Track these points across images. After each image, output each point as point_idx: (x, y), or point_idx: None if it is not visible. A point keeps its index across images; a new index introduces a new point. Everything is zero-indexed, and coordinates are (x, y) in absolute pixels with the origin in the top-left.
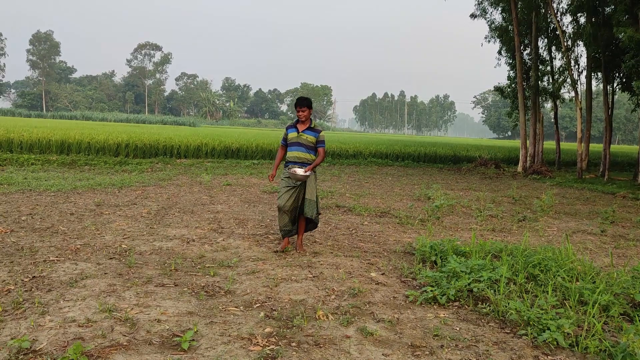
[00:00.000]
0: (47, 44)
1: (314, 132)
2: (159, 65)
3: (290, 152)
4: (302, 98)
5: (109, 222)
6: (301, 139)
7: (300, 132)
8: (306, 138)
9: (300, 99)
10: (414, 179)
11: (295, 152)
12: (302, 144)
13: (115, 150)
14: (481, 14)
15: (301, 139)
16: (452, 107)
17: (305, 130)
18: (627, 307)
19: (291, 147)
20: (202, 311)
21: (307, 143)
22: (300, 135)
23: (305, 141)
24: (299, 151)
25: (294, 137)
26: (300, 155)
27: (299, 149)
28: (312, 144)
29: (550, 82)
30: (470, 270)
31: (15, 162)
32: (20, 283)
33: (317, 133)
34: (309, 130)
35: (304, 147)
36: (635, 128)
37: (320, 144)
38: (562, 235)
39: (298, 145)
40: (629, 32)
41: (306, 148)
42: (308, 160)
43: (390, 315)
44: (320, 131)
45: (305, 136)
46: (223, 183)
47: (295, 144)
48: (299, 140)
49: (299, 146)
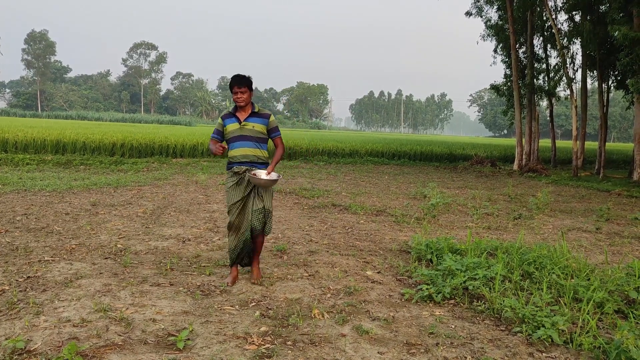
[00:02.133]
0: (43, 44)
1: (261, 119)
2: (154, 65)
3: (233, 151)
4: (239, 76)
5: (104, 221)
6: (245, 130)
7: (242, 121)
8: (252, 128)
9: (237, 77)
10: (410, 177)
11: (240, 150)
12: (247, 136)
13: (110, 150)
14: (477, 12)
15: (245, 130)
16: (449, 105)
17: (249, 117)
18: (622, 304)
19: (233, 142)
20: (198, 310)
21: (254, 134)
22: (244, 125)
23: (251, 132)
24: (246, 147)
25: (234, 129)
26: (247, 152)
27: (245, 144)
28: (262, 134)
29: (545, 80)
30: (466, 268)
31: (10, 162)
32: (14, 283)
33: (265, 119)
34: (254, 117)
35: (251, 140)
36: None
37: (274, 133)
38: (557, 232)
39: (242, 139)
40: (623, 30)
41: (254, 141)
42: (260, 157)
43: (386, 314)
44: (269, 115)
45: (251, 125)
46: (219, 182)
47: (237, 138)
48: (243, 132)
49: (244, 140)
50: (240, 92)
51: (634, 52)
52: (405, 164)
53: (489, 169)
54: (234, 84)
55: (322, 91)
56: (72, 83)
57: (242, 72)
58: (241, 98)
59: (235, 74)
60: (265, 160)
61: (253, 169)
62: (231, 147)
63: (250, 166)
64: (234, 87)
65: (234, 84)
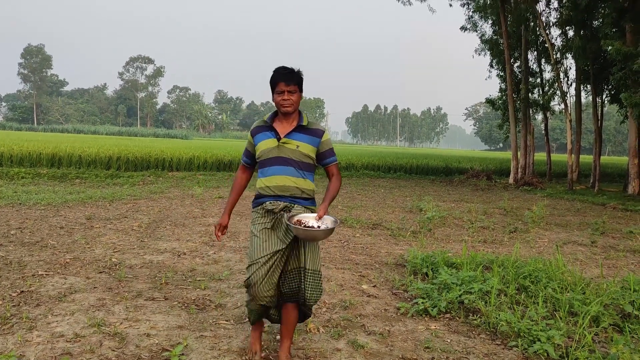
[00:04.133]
0: (39, 57)
1: (310, 136)
2: (151, 78)
3: (265, 179)
4: (286, 69)
5: (99, 235)
6: (286, 151)
7: (283, 137)
8: (296, 148)
9: (284, 70)
10: (406, 190)
11: (275, 179)
12: (288, 160)
13: (106, 163)
14: (471, 27)
15: (286, 150)
16: (444, 119)
17: (293, 133)
18: (617, 317)
19: (266, 167)
20: (193, 325)
21: (298, 158)
22: (285, 143)
23: (294, 154)
24: (284, 174)
25: (270, 148)
26: (287, 182)
27: (284, 171)
28: (310, 158)
29: (540, 94)
30: (462, 282)
31: (5, 176)
32: (8, 298)
33: (316, 137)
34: (301, 133)
35: (293, 166)
36: (624, 139)
37: (328, 158)
38: (553, 246)
39: (280, 163)
40: (616, 45)
41: (298, 168)
42: (304, 191)
43: (382, 328)
44: (322, 132)
45: (295, 144)
46: (215, 196)
47: (273, 161)
48: (282, 153)
49: (283, 165)
50: (288, 92)
51: (627, 66)
52: (401, 178)
53: (484, 183)
54: (279, 79)
55: (319, 105)
56: (68, 97)
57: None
58: (289, 101)
59: (280, 67)
60: (311, 195)
61: (294, 207)
62: (262, 174)
63: (291, 202)
64: (278, 83)
65: (279, 79)
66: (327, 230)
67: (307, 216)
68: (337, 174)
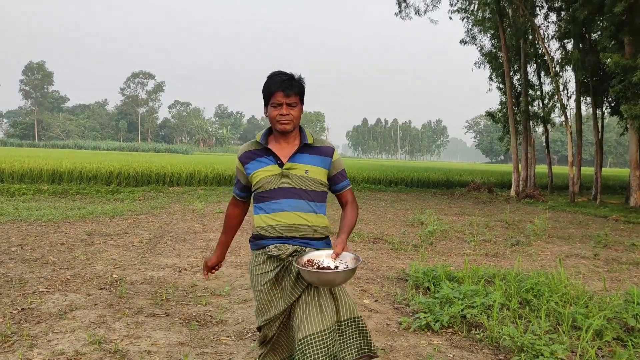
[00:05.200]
0: (40, 74)
1: (320, 156)
2: (152, 94)
3: (267, 216)
4: (285, 75)
5: (100, 251)
6: (292, 180)
7: (286, 161)
8: (304, 174)
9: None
10: (407, 204)
11: (282, 215)
12: (297, 190)
13: (107, 179)
14: (471, 41)
15: (292, 178)
16: (445, 131)
17: (298, 154)
18: (620, 331)
19: (267, 201)
20: (194, 341)
21: (309, 186)
22: (290, 169)
23: (303, 182)
24: (293, 210)
25: (271, 175)
26: (296, 220)
27: (292, 205)
28: (322, 185)
29: (540, 106)
30: (464, 296)
31: (6, 192)
32: (8, 315)
33: (327, 156)
34: (308, 154)
35: (302, 197)
36: (625, 151)
37: (341, 182)
38: (555, 259)
39: (286, 195)
40: (615, 58)
41: (309, 199)
42: (317, 230)
43: (384, 343)
44: (332, 150)
45: (303, 169)
46: (216, 211)
47: (277, 192)
48: (287, 182)
49: (291, 198)
50: (287, 105)
51: (626, 79)
52: (402, 191)
53: (486, 195)
54: (275, 89)
55: (319, 118)
56: (69, 112)
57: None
58: (287, 117)
59: (275, 72)
60: (325, 233)
61: (306, 250)
62: (262, 209)
63: (302, 245)
64: (275, 94)
65: (276, 88)
66: (348, 272)
67: (319, 254)
68: (353, 201)
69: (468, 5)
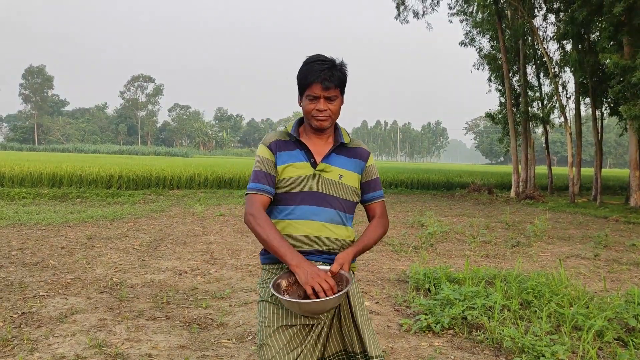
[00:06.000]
0: (40, 78)
1: (355, 159)
2: (151, 97)
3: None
4: (323, 61)
5: (100, 255)
6: (324, 183)
7: (320, 161)
8: (338, 179)
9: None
10: (407, 205)
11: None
12: (328, 197)
13: (107, 183)
14: (470, 42)
15: (324, 182)
16: (444, 133)
17: (333, 155)
18: (621, 332)
19: (290, 205)
20: (194, 344)
21: (341, 193)
22: (323, 170)
23: (335, 187)
24: (321, 219)
25: (302, 176)
26: (323, 232)
27: (321, 214)
28: (355, 192)
29: (539, 107)
30: (464, 297)
31: (6, 196)
32: (9, 319)
33: (361, 160)
34: (344, 155)
35: (334, 206)
36: (625, 152)
37: (374, 191)
38: (555, 260)
39: (315, 201)
40: (614, 59)
41: (340, 209)
42: (344, 245)
43: (385, 345)
44: (368, 153)
45: (337, 172)
46: (216, 213)
47: (304, 197)
48: (317, 186)
49: (320, 205)
50: (326, 99)
51: (625, 79)
52: (403, 193)
53: (486, 197)
54: (314, 79)
55: None
56: (69, 116)
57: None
58: (326, 112)
59: (314, 56)
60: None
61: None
62: (283, 214)
63: (325, 262)
64: (312, 85)
65: (314, 78)
66: (333, 299)
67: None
68: (383, 215)
69: (467, 7)
